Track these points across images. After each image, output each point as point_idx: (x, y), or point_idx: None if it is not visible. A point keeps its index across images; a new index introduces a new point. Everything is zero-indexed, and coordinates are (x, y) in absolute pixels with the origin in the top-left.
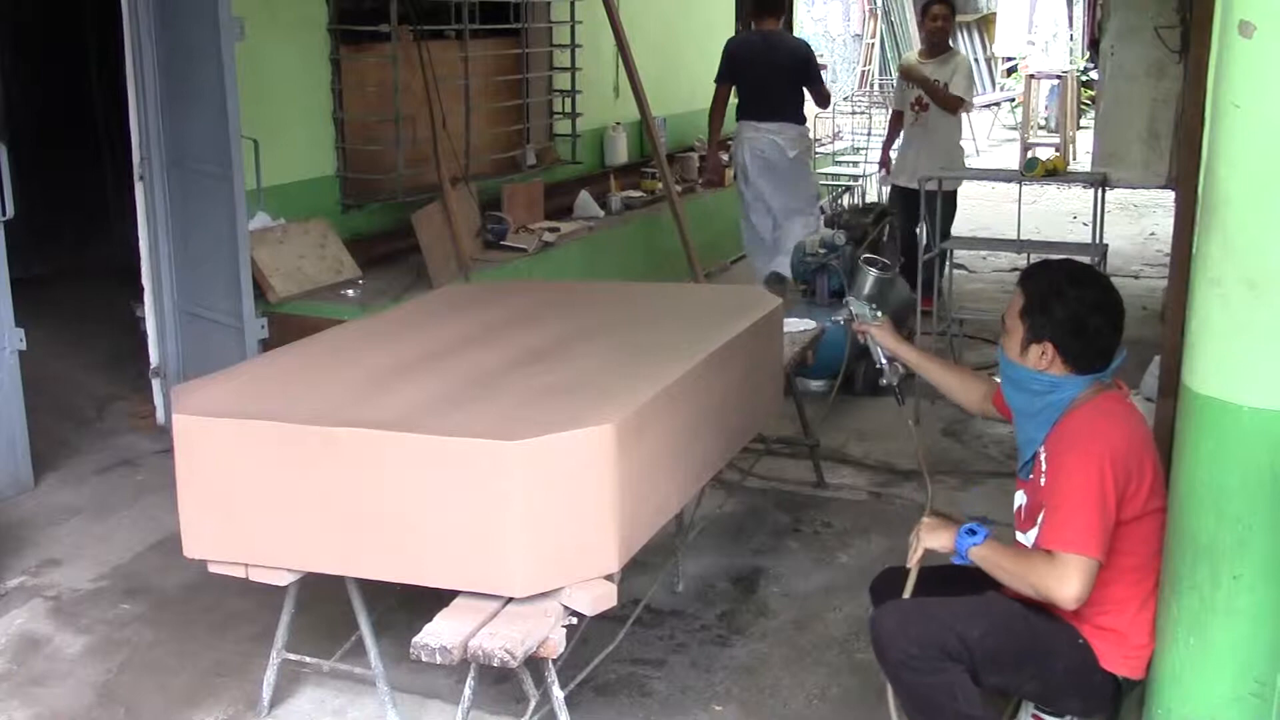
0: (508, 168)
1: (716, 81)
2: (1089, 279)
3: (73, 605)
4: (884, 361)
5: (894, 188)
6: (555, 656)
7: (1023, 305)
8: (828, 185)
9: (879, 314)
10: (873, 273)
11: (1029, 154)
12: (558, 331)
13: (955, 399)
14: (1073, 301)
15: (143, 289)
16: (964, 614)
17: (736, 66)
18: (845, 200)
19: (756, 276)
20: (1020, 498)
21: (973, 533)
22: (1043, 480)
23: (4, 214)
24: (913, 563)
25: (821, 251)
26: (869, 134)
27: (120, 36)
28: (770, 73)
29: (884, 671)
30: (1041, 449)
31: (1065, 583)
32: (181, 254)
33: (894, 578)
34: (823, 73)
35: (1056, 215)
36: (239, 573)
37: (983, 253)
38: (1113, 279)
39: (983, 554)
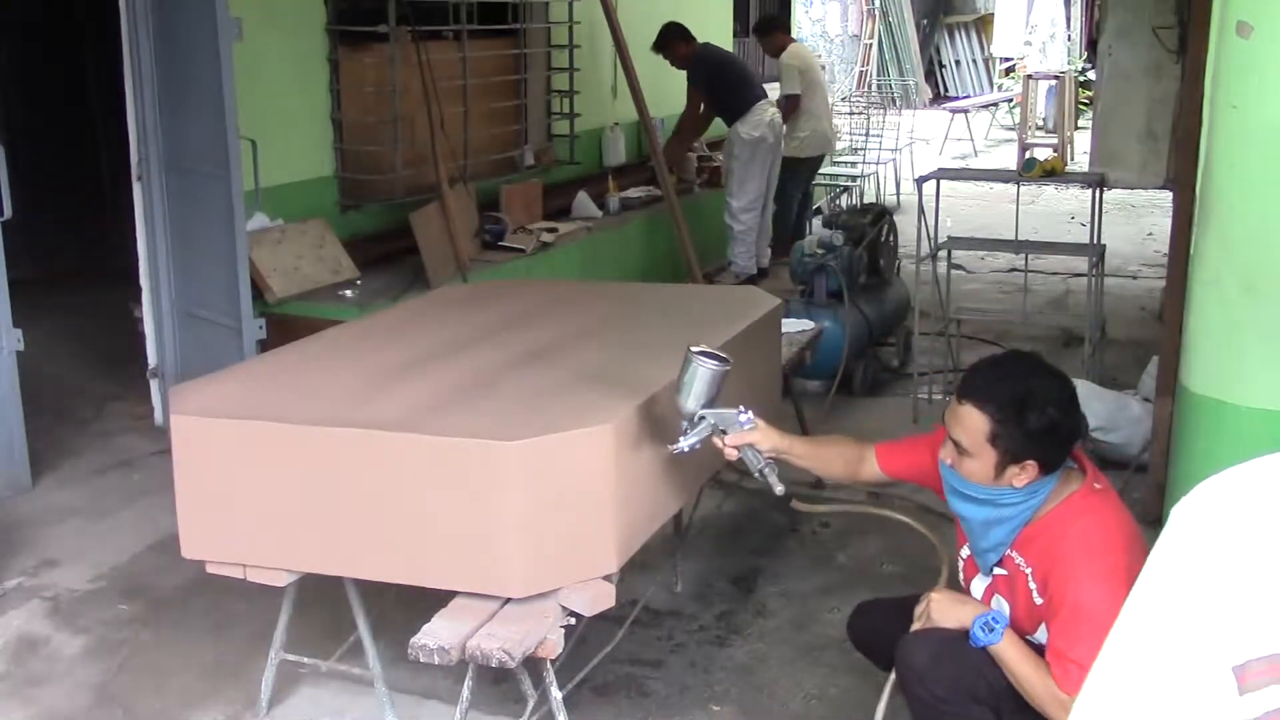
0: (506, 168)
1: (698, 88)
2: (1045, 374)
3: (71, 606)
4: (763, 468)
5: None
6: (553, 657)
7: (990, 430)
8: (825, 185)
9: (750, 415)
10: (714, 369)
11: (1027, 154)
12: (556, 332)
13: (831, 475)
14: (1049, 409)
15: (140, 289)
16: (993, 658)
17: (730, 68)
18: (843, 200)
19: (740, 265)
20: (998, 601)
21: (990, 628)
22: (1036, 598)
23: (2, 215)
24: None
25: (820, 252)
26: (866, 134)
27: (118, 36)
28: (743, 61)
29: (907, 702)
30: (1012, 552)
31: None
32: (179, 254)
33: (875, 614)
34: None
35: (1054, 216)
36: (237, 573)
37: (980, 253)
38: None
39: (1001, 654)
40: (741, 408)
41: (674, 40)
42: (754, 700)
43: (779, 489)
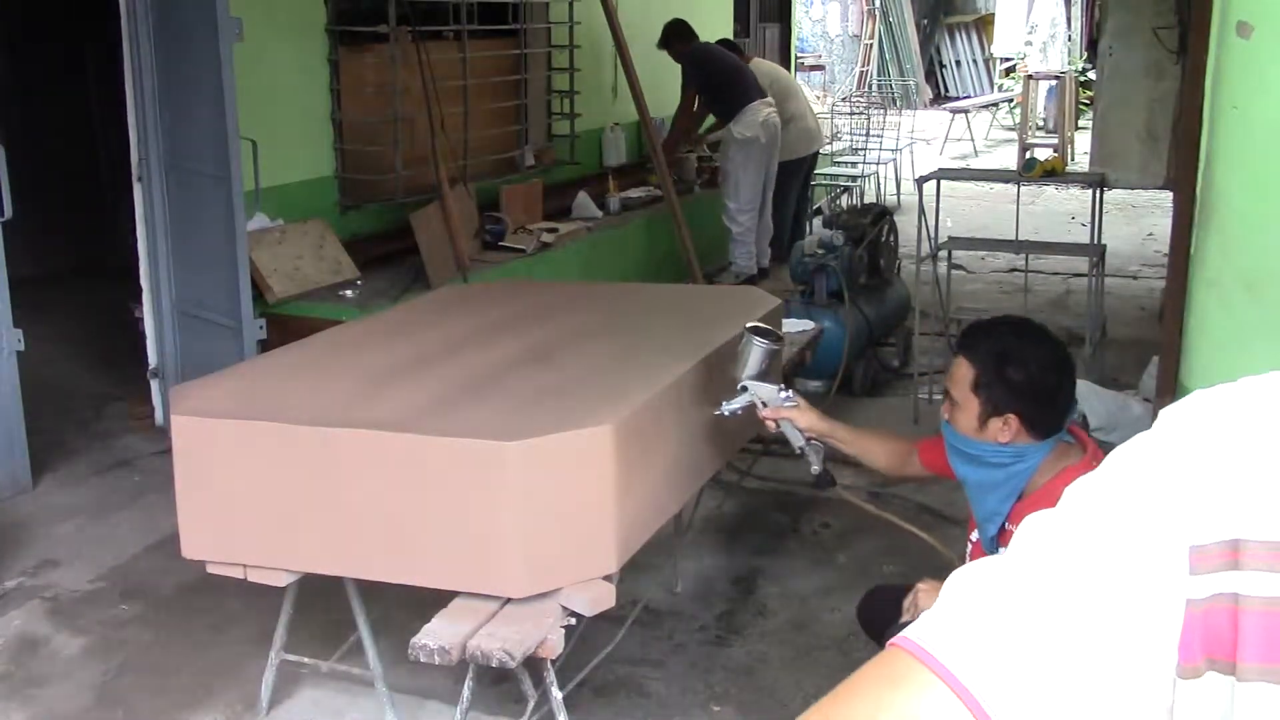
0: (506, 168)
1: (691, 86)
2: (1036, 335)
3: (71, 606)
4: (803, 446)
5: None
6: (554, 657)
7: (974, 378)
8: (826, 185)
9: (790, 393)
10: (762, 346)
11: (1027, 154)
12: (556, 332)
13: (877, 466)
14: (1030, 365)
15: (141, 289)
16: None
17: (722, 68)
18: (843, 200)
19: (740, 265)
20: None
21: None
22: None
23: (2, 214)
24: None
25: (820, 252)
26: (867, 134)
27: (118, 37)
28: (740, 61)
29: None
30: (1010, 526)
31: None
32: (180, 254)
33: (879, 599)
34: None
35: (1055, 216)
36: (237, 573)
37: (981, 253)
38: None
39: None
40: (782, 385)
41: (673, 38)
42: (754, 701)
43: (815, 468)
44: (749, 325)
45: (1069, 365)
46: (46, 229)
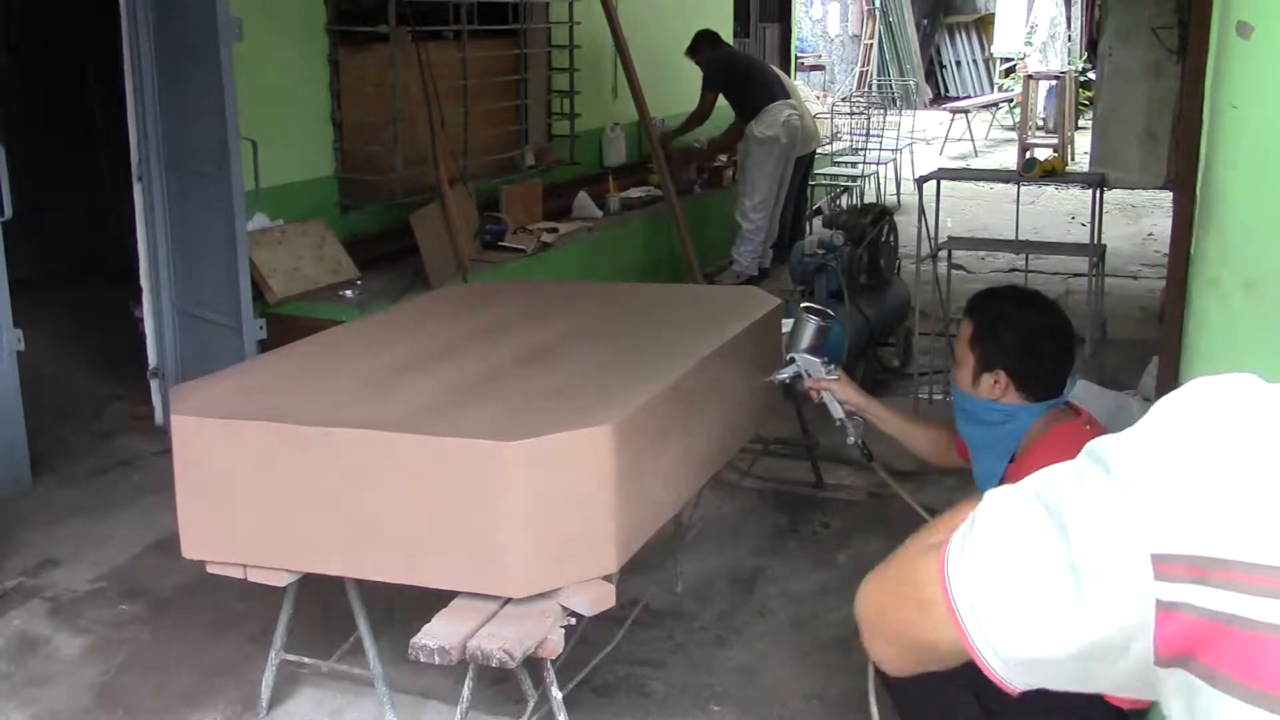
0: (506, 168)
1: (709, 89)
2: (1037, 303)
3: (71, 606)
4: (842, 417)
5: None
6: (554, 657)
7: (971, 334)
8: (826, 185)
9: (833, 367)
10: (813, 323)
11: (1027, 154)
12: (556, 332)
13: (918, 450)
14: (1022, 327)
15: (141, 289)
16: None
17: (742, 69)
18: (843, 200)
19: (742, 264)
20: None
21: None
22: None
23: (2, 214)
24: None
25: (820, 252)
26: (867, 134)
27: (118, 36)
28: (763, 64)
29: (885, 686)
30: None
31: None
32: (180, 254)
33: None
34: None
35: (1054, 216)
36: (237, 573)
37: (981, 253)
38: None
39: None
40: (825, 359)
41: (704, 45)
42: (754, 701)
43: (850, 439)
44: (803, 305)
45: (1067, 337)
46: (46, 229)
